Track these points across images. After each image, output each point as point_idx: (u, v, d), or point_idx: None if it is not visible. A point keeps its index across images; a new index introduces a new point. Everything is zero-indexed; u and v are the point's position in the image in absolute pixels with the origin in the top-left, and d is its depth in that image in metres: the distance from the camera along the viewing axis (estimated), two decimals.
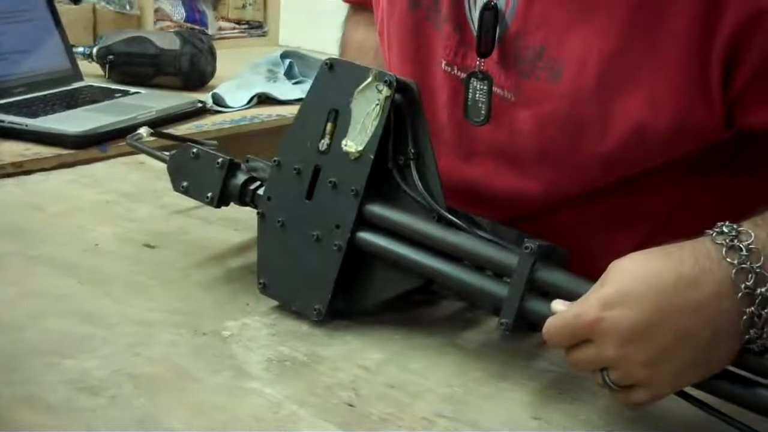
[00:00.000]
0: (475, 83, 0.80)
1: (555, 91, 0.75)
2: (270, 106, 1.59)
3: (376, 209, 0.75)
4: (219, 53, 1.71)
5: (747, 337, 0.59)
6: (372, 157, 0.75)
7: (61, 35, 1.52)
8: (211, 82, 1.69)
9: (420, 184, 0.74)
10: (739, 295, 0.59)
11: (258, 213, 0.80)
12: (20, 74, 1.41)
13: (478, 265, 0.71)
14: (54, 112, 1.31)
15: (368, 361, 0.71)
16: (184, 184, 0.85)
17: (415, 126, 0.75)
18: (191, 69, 1.62)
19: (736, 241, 0.60)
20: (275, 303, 0.79)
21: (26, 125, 1.24)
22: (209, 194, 0.83)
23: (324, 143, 0.77)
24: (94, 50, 1.66)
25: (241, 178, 0.83)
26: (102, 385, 0.66)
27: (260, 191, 0.82)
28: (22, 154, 1.18)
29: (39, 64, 1.45)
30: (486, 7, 0.78)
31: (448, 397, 0.67)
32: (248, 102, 1.56)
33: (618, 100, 0.73)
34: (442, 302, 0.80)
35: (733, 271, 0.59)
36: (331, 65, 0.77)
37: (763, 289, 0.59)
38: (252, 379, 0.68)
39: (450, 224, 0.73)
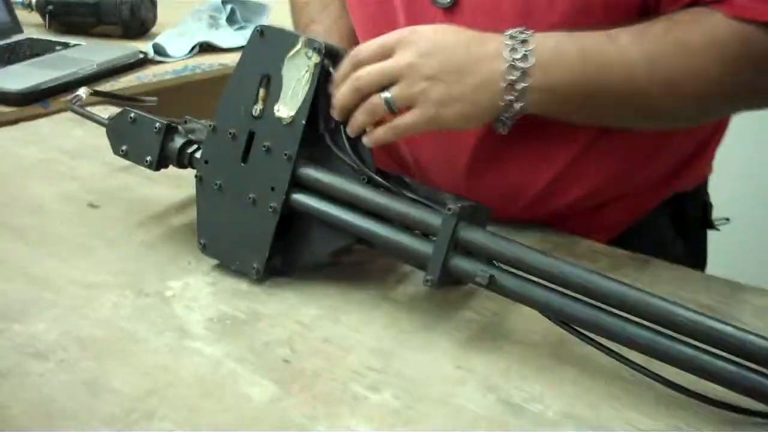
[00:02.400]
0: None
1: None
2: (212, 54, 1.60)
3: (309, 172, 0.79)
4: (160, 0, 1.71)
5: (501, 103, 0.74)
6: (303, 122, 0.78)
7: None
8: (153, 30, 1.69)
9: (350, 148, 0.78)
10: (507, 64, 0.73)
11: (196, 176, 0.83)
12: None
13: (405, 225, 0.75)
14: None
15: (305, 317, 0.76)
16: (124, 147, 0.88)
17: None
18: (132, 18, 1.63)
19: (518, 34, 0.74)
20: (216, 261, 0.83)
21: None
22: (148, 158, 0.86)
23: (257, 108, 0.80)
24: (33, 0, 1.65)
25: (179, 141, 0.86)
26: (50, 349, 0.69)
27: (197, 154, 0.85)
28: None
29: None
30: None
31: (378, 350, 0.71)
32: (190, 51, 1.57)
33: None
34: (378, 257, 0.84)
35: (509, 46, 0.74)
36: (261, 32, 0.80)
37: (524, 65, 0.73)
38: (194, 338, 0.72)
39: (379, 186, 0.76)
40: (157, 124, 0.86)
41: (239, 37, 1.65)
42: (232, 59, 1.57)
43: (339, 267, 0.83)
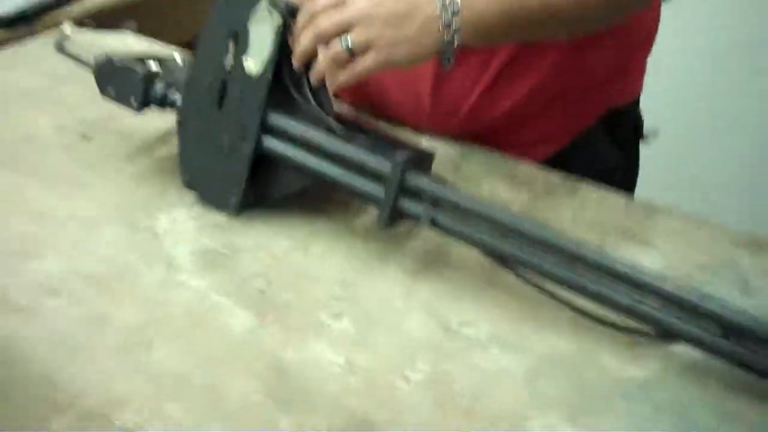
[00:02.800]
0: None
1: None
2: None
3: (276, 119, 0.89)
4: None
5: (441, 41, 0.85)
6: (270, 75, 0.88)
7: None
8: None
9: (312, 98, 0.88)
10: (440, 5, 0.84)
11: (177, 120, 0.94)
12: None
13: (360, 170, 0.86)
14: None
15: (277, 249, 0.88)
16: (110, 91, 0.97)
17: None
18: None
19: None
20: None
21: None
22: (133, 101, 0.96)
23: (228, 61, 0.89)
24: None
25: (160, 86, 0.95)
26: (60, 285, 0.82)
27: (177, 99, 0.94)
28: None
29: None
30: None
31: (341, 280, 0.84)
32: None
33: None
34: (339, 191, 0.95)
35: None
36: None
37: (456, 2, 0.83)
38: (181, 272, 0.84)
39: (336, 133, 0.87)
40: (140, 72, 0.95)
41: None
42: None
43: (305, 199, 0.95)
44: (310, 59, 0.87)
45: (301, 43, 0.86)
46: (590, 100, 1.07)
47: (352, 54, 0.85)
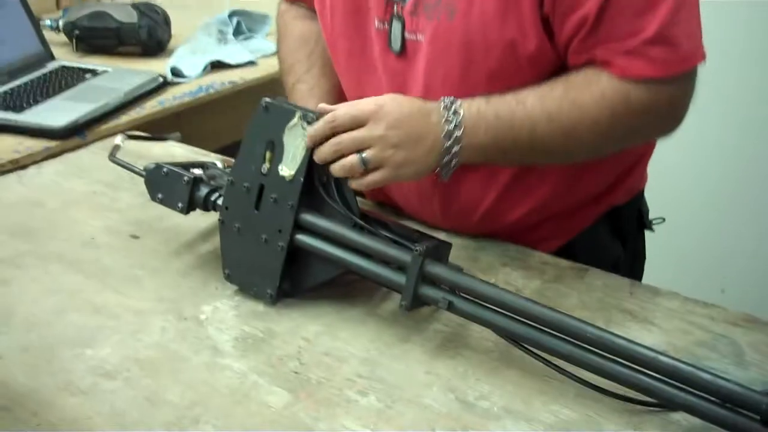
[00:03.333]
0: (394, 23, 1.05)
1: (451, 27, 1.00)
2: (222, 71, 1.80)
3: (308, 218, 0.99)
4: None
5: (443, 162, 0.97)
6: (302, 179, 0.98)
7: (31, 20, 1.71)
8: (169, 46, 1.88)
9: (338, 198, 0.99)
10: (444, 132, 0.96)
11: (219, 219, 1.04)
12: (1, 65, 1.60)
13: (383, 260, 0.96)
14: (36, 103, 1.52)
15: (309, 333, 0.97)
16: (159, 196, 1.09)
17: None
18: (149, 39, 1.83)
19: (450, 105, 0.97)
20: (238, 287, 1.05)
21: (15, 121, 1.45)
22: (179, 204, 1.07)
23: (265, 167, 1.00)
24: (60, 23, 1.85)
25: (204, 190, 1.07)
26: (116, 370, 0.91)
27: (219, 201, 1.05)
28: (16, 150, 1.40)
29: (15, 52, 1.65)
30: None
31: (366, 360, 0.93)
32: (203, 69, 1.77)
33: (497, 30, 0.98)
34: (364, 280, 1.05)
35: (444, 116, 0.96)
36: (266, 107, 1.00)
37: (457, 134, 0.96)
38: (224, 356, 0.93)
39: (362, 229, 0.97)
40: (185, 178, 1.06)
41: (245, 52, 1.85)
42: (240, 76, 1.78)
43: (334, 288, 1.04)
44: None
45: (322, 151, 0.97)
46: (593, 203, 1.16)
47: (366, 168, 0.96)
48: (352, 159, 0.96)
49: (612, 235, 1.19)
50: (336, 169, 0.97)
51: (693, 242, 2.00)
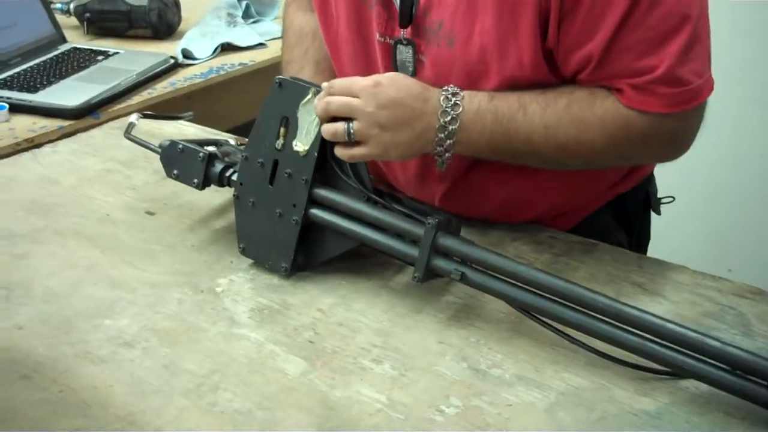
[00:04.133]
0: (401, 48, 1.05)
1: (451, 55, 1.00)
2: (232, 53, 1.81)
3: (322, 192, 1.01)
4: None
5: (433, 150, 0.96)
6: (316, 154, 1.00)
7: (43, 3, 1.72)
8: (179, 29, 1.90)
9: (351, 173, 1.00)
10: (439, 123, 0.95)
11: (234, 195, 1.06)
12: (14, 46, 1.62)
13: (396, 233, 0.98)
14: (50, 84, 1.53)
15: (323, 305, 0.99)
16: (175, 172, 1.10)
17: None
18: (160, 21, 1.83)
19: (452, 96, 0.96)
20: (252, 261, 1.06)
21: (30, 101, 1.47)
22: (195, 180, 1.08)
23: (279, 143, 1.02)
24: (71, 7, 1.87)
25: (218, 166, 1.08)
26: (134, 340, 0.93)
27: (234, 177, 1.07)
28: (31, 129, 1.41)
29: (28, 35, 1.66)
30: None
31: (380, 330, 0.95)
32: (213, 52, 1.78)
33: (496, 62, 0.98)
34: (377, 254, 1.06)
35: (442, 107, 0.95)
36: (280, 83, 1.01)
37: (452, 127, 0.95)
38: (241, 326, 0.95)
39: (375, 203, 0.99)
40: (201, 154, 1.08)
41: (254, 35, 1.86)
42: (250, 57, 1.80)
43: (347, 261, 1.06)
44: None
45: (317, 107, 0.98)
46: (601, 196, 1.17)
47: (350, 139, 0.97)
48: (339, 125, 0.96)
49: (615, 220, 1.19)
50: (323, 130, 0.98)
51: (700, 221, 2.01)
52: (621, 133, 0.95)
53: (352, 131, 0.96)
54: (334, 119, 0.97)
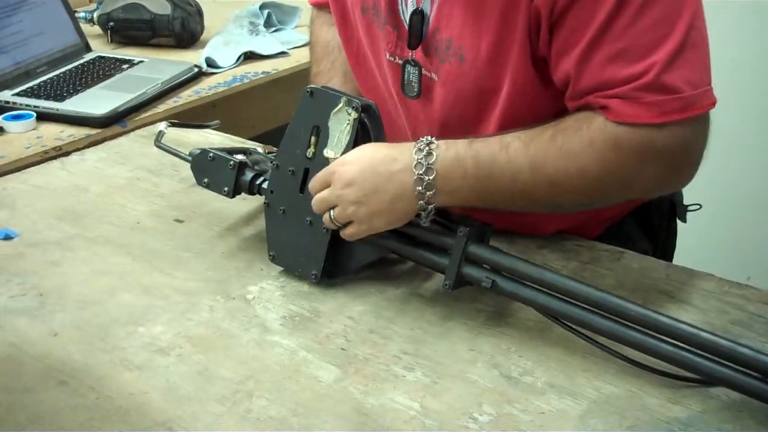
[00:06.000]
0: (409, 68, 1.07)
1: (462, 72, 1.01)
2: (255, 61, 1.83)
3: None
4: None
5: (416, 206, 0.95)
6: None
7: (68, 11, 1.74)
8: (202, 38, 1.91)
9: None
10: (415, 177, 0.94)
11: (264, 202, 1.07)
12: (40, 55, 1.64)
13: (427, 242, 0.99)
14: (76, 92, 1.55)
15: (354, 313, 1.00)
16: (205, 180, 1.11)
17: (376, 137, 1.01)
18: (183, 30, 1.85)
19: (425, 147, 0.94)
20: (282, 268, 1.07)
21: (57, 109, 1.48)
22: (225, 188, 1.10)
23: (310, 151, 1.03)
24: (95, 15, 1.89)
25: (249, 175, 1.09)
26: (168, 346, 0.94)
27: (264, 185, 1.08)
28: (59, 137, 1.43)
29: (54, 43, 1.68)
30: (415, 12, 1.04)
31: (410, 338, 0.96)
32: (236, 60, 1.79)
33: (505, 75, 0.98)
34: (406, 261, 1.07)
35: (415, 160, 0.94)
36: (311, 93, 1.02)
37: (428, 178, 0.93)
38: (273, 333, 0.96)
39: None
40: (231, 163, 1.09)
41: (276, 43, 1.88)
42: (273, 66, 1.81)
43: (376, 269, 1.07)
44: None
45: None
46: (627, 205, 1.17)
47: (337, 225, 0.99)
48: (325, 217, 1.00)
49: (640, 229, 1.20)
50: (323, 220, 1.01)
51: (719, 228, 2.01)
52: (613, 155, 0.91)
53: (332, 218, 0.99)
54: None
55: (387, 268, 1.07)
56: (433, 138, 0.96)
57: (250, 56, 1.83)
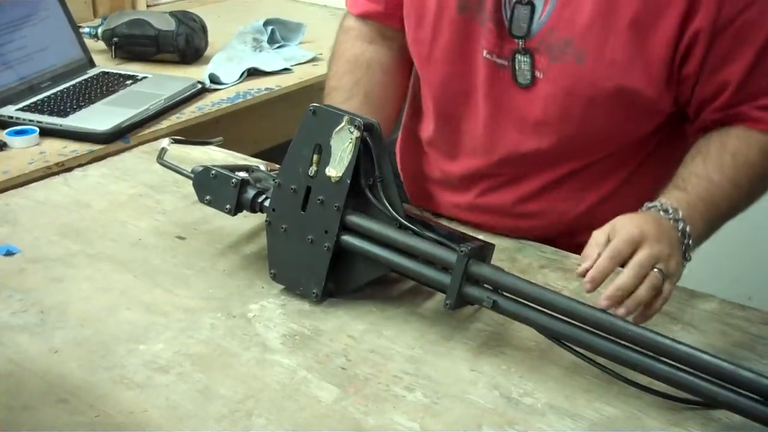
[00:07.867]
0: (519, 57, 1.10)
1: (579, 71, 1.07)
2: (258, 78, 1.83)
3: (354, 219, 1.02)
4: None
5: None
6: (348, 180, 1.01)
7: (72, 27, 1.75)
8: (206, 54, 1.92)
9: (384, 200, 1.01)
10: (678, 235, 1.00)
11: (266, 220, 1.07)
12: (44, 70, 1.65)
13: (428, 260, 0.99)
14: (80, 108, 1.56)
15: (354, 332, 1.00)
16: (207, 197, 1.11)
17: (378, 156, 1.01)
18: (187, 46, 1.86)
19: (668, 208, 1.02)
20: (284, 286, 1.07)
21: (60, 125, 1.49)
22: (227, 206, 1.10)
23: (312, 170, 1.03)
24: (99, 31, 1.89)
25: (251, 192, 1.09)
26: (169, 365, 0.94)
27: (266, 203, 1.08)
28: (61, 153, 1.43)
29: (58, 58, 1.69)
30: (519, 2, 1.09)
31: (411, 357, 0.95)
32: (240, 77, 1.80)
33: (622, 77, 1.05)
34: (407, 280, 1.07)
35: (675, 228, 1.00)
36: (314, 111, 1.03)
37: (687, 231, 1.01)
38: (273, 352, 0.96)
39: (407, 230, 1.00)
40: (233, 180, 1.09)
41: (280, 60, 1.89)
42: (276, 83, 1.82)
43: (377, 287, 1.07)
44: None
45: (603, 266, 0.93)
46: None
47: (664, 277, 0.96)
48: (651, 276, 0.93)
49: None
50: (641, 292, 0.93)
51: (719, 248, 2.00)
52: None
53: (664, 270, 0.95)
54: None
55: (388, 287, 1.07)
56: (660, 202, 1.03)
57: (253, 72, 1.84)
